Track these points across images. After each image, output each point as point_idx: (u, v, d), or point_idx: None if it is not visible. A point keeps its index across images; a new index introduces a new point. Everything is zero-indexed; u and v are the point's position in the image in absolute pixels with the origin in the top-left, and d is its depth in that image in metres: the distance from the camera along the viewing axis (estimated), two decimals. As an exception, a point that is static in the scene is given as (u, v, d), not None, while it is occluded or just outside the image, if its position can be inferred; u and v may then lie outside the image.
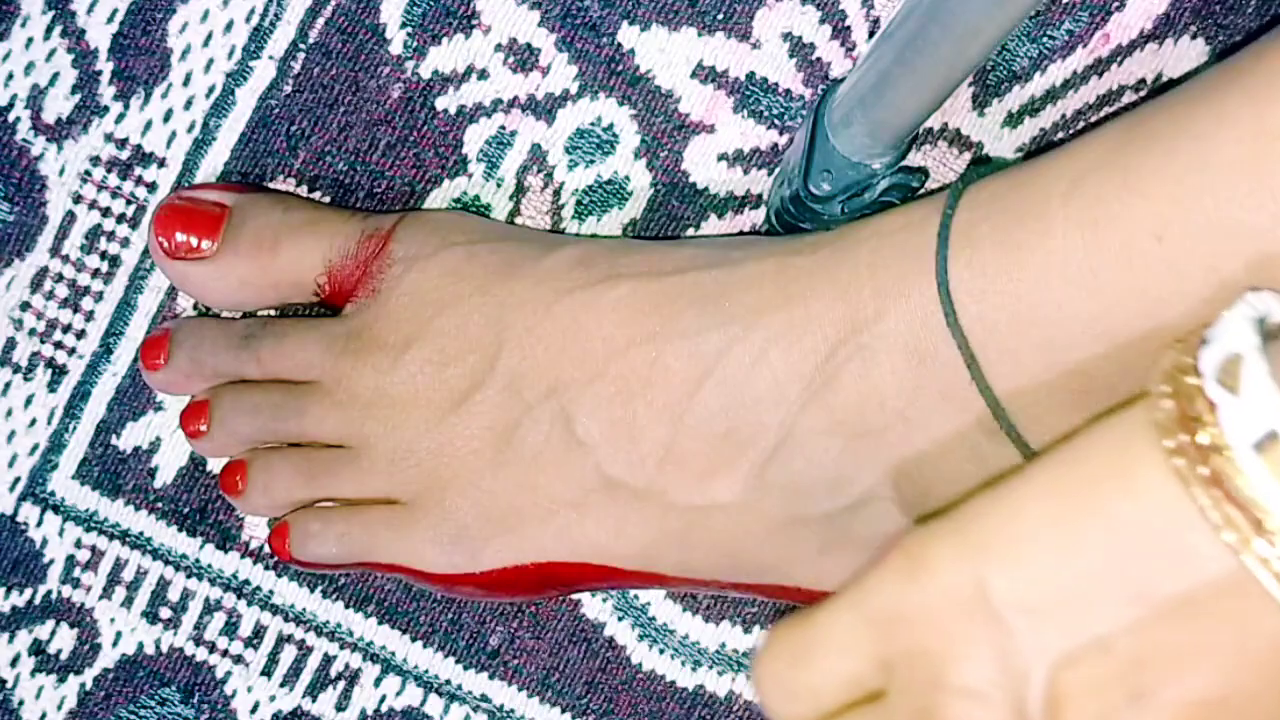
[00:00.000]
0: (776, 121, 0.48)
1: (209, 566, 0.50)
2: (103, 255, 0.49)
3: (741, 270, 0.43)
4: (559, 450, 0.44)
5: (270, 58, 0.48)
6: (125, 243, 0.49)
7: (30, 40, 0.48)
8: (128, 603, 0.50)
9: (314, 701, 0.50)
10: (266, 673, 0.50)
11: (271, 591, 0.50)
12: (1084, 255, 0.37)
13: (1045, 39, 0.48)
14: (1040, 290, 0.38)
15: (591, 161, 0.49)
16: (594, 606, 0.50)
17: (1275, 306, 0.32)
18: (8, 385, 0.49)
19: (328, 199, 0.49)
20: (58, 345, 0.49)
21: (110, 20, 0.48)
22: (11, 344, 0.49)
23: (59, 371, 0.49)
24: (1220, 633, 0.30)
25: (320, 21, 0.48)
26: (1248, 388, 0.30)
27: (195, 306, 0.49)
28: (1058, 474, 0.32)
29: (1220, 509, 0.30)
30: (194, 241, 0.46)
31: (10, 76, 0.48)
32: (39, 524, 0.50)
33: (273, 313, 0.49)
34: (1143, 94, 0.48)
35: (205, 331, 0.47)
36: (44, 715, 0.50)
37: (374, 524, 0.46)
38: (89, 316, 0.49)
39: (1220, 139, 0.35)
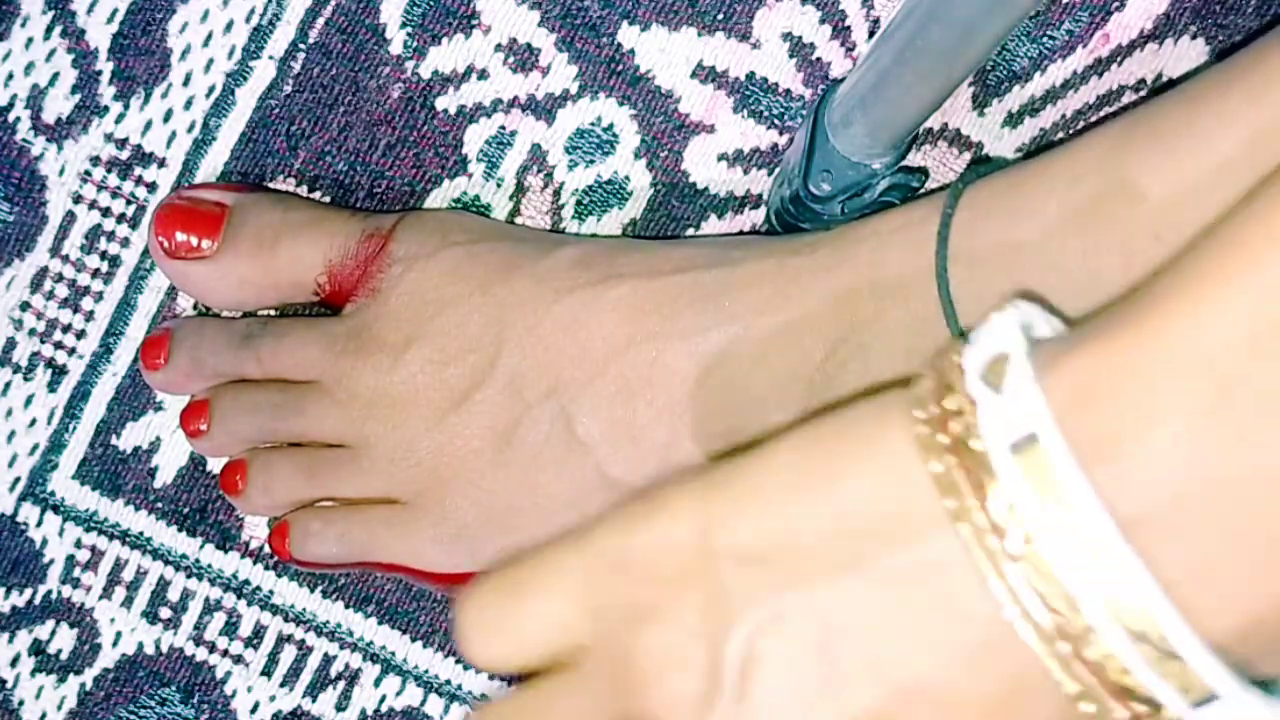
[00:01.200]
0: (776, 121, 0.48)
1: (209, 566, 0.50)
2: (103, 255, 0.49)
3: (741, 270, 0.43)
4: (559, 450, 0.44)
5: (270, 58, 0.48)
6: (125, 243, 0.49)
7: (30, 40, 0.48)
8: (128, 603, 0.50)
9: (314, 701, 0.50)
10: (266, 673, 0.50)
11: (271, 591, 0.50)
12: (1083, 255, 0.37)
13: (1045, 39, 0.48)
14: (1040, 290, 0.38)
15: (591, 161, 0.49)
16: (594, 606, 0.50)
17: (1038, 318, 0.30)
18: (8, 385, 0.49)
19: (328, 199, 0.49)
20: (58, 345, 0.49)
21: (110, 20, 0.48)
22: (11, 344, 0.49)
23: (59, 371, 0.49)
24: (930, 615, 0.28)
25: (320, 21, 0.48)
26: (1010, 387, 0.28)
27: (195, 306, 0.49)
28: (809, 436, 0.30)
29: (950, 475, 0.28)
30: (194, 241, 0.46)
31: (10, 76, 0.48)
32: (39, 524, 0.50)
33: (273, 313, 0.49)
34: (1143, 94, 0.48)
35: (205, 331, 0.47)
36: (44, 715, 0.50)
37: (374, 523, 0.46)
38: (89, 316, 0.49)
39: (1221, 139, 0.35)
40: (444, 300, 0.45)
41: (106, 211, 0.49)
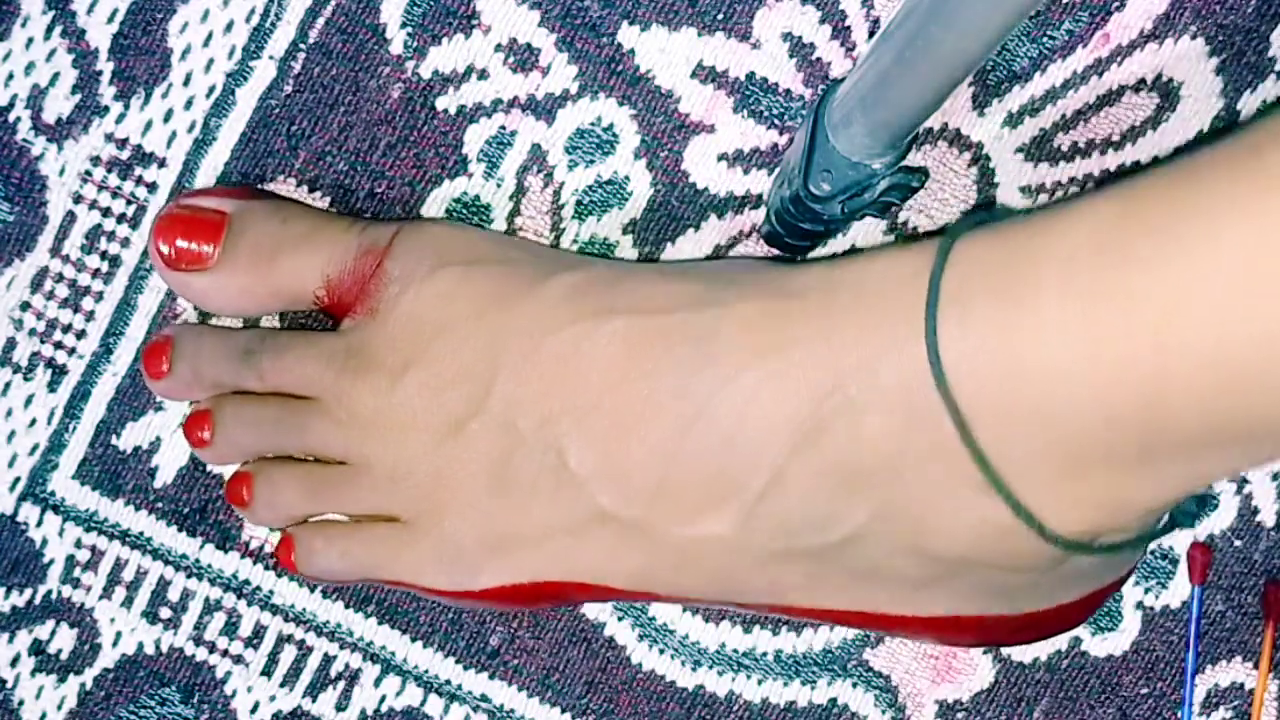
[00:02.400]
0: (776, 121, 0.48)
1: (209, 566, 0.50)
2: (103, 255, 0.49)
3: (733, 312, 0.43)
4: (553, 480, 0.44)
5: (270, 58, 0.48)
6: (125, 243, 0.49)
7: (30, 40, 0.48)
8: (128, 603, 0.50)
9: (314, 701, 0.50)
10: (266, 673, 0.50)
11: (271, 591, 0.50)
12: (1079, 334, 0.36)
13: (1045, 39, 0.48)
14: (1033, 359, 0.37)
15: (591, 161, 0.49)
16: (594, 607, 0.50)
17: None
18: (8, 385, 0.49)
19: (328, 199, 0.49)
20: (58, 345, 0.49)
21: (110, 20, 0.48)
22: (12, 344, 0.49)
23: (59, 371, 0.49)
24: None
25: (320, 21, 0.48)
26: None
27: (195, 309, 0.49)
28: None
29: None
30: (195, 251, 0.46)
31: (10, 76, 0.48)
32: (39, 524, 0.50)
33: (276, 319, 0.49)
34: (1142, 94, 0.48)
35: (205, 344, 0.47)
36: (44, 715, 0.50)
37: (375, 543, 0.46)
38: (89, 316, 0.49)
39: (1229, 230, 0.34)
40: (439, 324, 0.45)
41: (107, 212, 0.49)
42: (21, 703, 0.50)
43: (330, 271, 0.46)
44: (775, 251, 0.49)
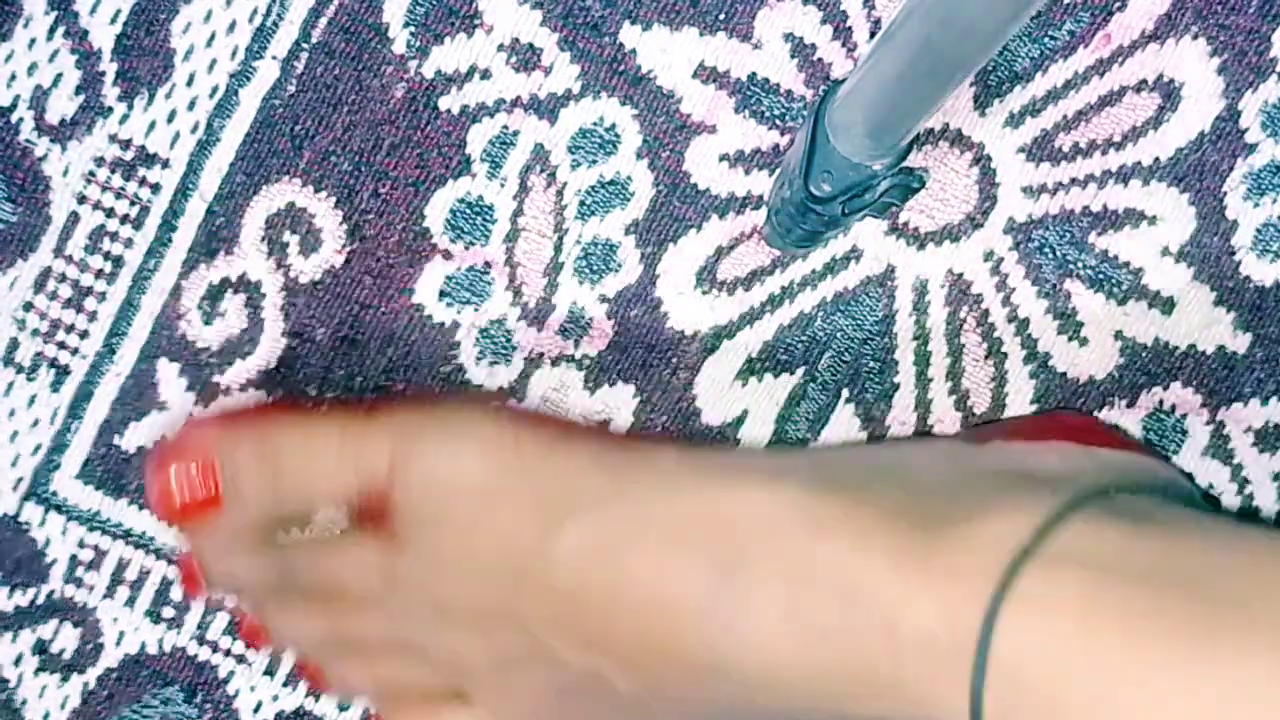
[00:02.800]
0: (777, 122, 0.48)
1: (212, 566, 0.50)
2: (106, 256, 0.49)
3: (752, 618, 0.42)
4: (607, 699, 0.44)
5: (273, 58, 0.48)
6: (129, 243, 0.49)
7: (33, 41, 0.48)
8: (131, 602, 0.50)
9: (316, 701, 0.50)
10: (269, 672, 0.50)
11: (274, 591, 0.50)
12: None
13: (1046, 39, 0.48)
14: None
15: (594, 161, 0.49)
16: (596, 606, 0.50)
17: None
18: (11, 385, 0.49)
19: (333, 199, 0.49)
20: (61, 345, 0.49)
21: (113, 21, 0.48)
22: (15, 344, 0.49)
23: (62, 371, 0.49)
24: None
25: (323, 21, 0.48)
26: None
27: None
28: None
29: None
30: (199, 503, 0.45)
31: (13, 77, 0.48)
32: (42, 524, 0.50)
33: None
34: (1143, 94, 0.48)
35: (238, 569, 0.46)
36: (47, 715, 0.50)
37: None
38: (92, 317, 0.49)
39: None
40: (463, 563, 0.44)
41: (110, 212, 0.49)
42: (25, 702, 0.50)
43: (338, 515, 0.46)
44: (778, 251, 0.49)
